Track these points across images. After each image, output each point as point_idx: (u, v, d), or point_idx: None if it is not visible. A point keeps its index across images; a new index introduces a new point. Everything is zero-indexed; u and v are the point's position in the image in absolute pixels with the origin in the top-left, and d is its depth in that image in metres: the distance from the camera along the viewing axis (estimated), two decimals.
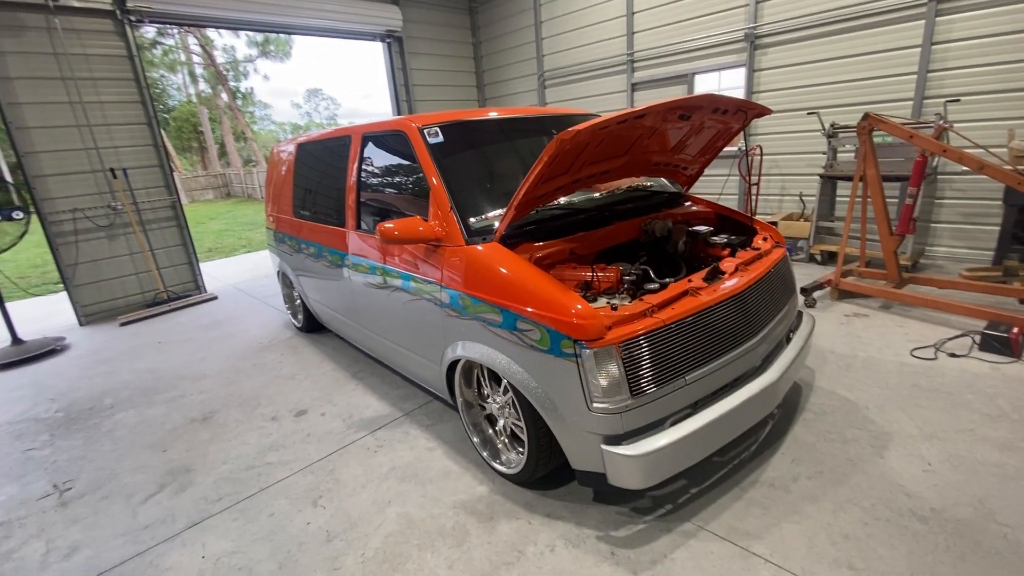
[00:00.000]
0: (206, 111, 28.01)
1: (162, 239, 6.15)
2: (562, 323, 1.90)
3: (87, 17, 5.36)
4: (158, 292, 6.04)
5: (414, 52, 8.26)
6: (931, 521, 2.00)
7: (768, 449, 2.50)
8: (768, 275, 2.46)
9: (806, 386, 3.02)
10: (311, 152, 3.86)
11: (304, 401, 3.39)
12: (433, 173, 2.50)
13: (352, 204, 3.16)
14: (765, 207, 6.31)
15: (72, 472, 2.84)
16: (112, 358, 4.51)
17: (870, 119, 3.83)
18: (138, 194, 5.87)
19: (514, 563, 1.96)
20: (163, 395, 3.69)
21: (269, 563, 2.07)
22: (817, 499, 2.15)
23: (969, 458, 2.32)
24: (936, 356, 3.24)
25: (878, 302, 4.20)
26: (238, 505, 2.43)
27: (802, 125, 5.67)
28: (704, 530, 2.04)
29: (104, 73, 5.54)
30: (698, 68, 6.43)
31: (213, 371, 4.02)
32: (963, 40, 4.56)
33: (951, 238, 5.05)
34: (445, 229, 2.39)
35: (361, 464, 2.65)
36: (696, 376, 2.02)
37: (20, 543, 2.32)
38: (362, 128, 3.15)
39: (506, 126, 2.97)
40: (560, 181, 2.35)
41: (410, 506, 2.31)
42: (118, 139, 5.70)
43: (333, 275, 3.52)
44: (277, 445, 2.90)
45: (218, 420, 3.25)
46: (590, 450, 1.97)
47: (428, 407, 3.16)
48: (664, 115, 2.26)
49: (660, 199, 3.03)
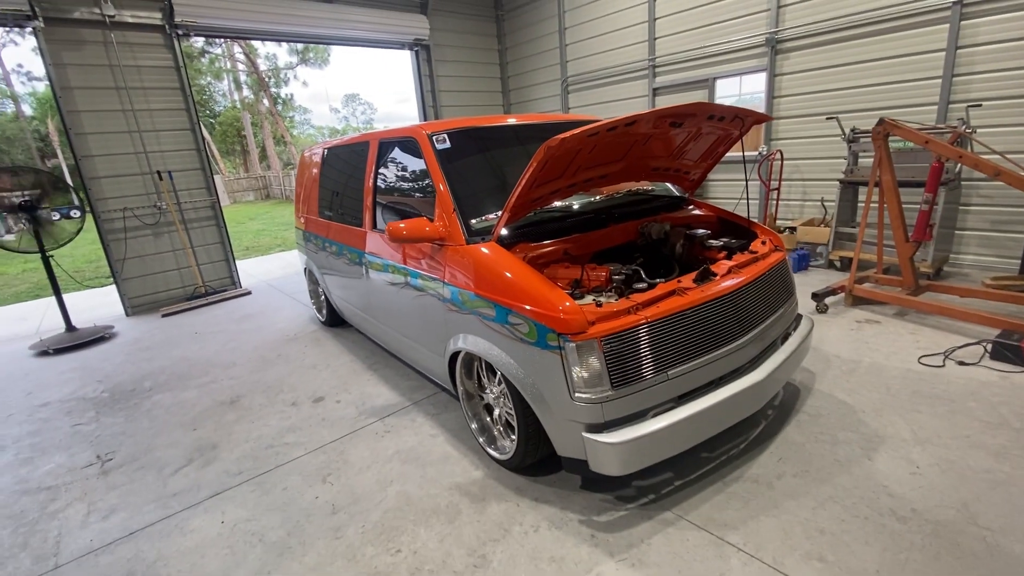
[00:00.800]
0: (249, 116, 29.30)
1: (202, 237, 6.57)
2: (547, 317, 2.03)
3: (140, 32, 5.82)
4: (197, 286, 6.45)
5: (441, 59, 8.53)
6: (910, 521, 2.03)
7: (757, 447, 2.56)
8: (761, 278, 2.53)
9: (804, 389, 3.05)
10: (335, 156, 4.11)
11: (322, 389, 3.62)
12: (439, 176, 2.68)
13: (369, 205, 3.38)
14: (786, 212, 6.25)
15: (113, 445, 3.13)
16: (153, 346, 4.88)
17: (885, 124, 3.81)
18: (181, 195, 6.30)
19: (500, 540, 2.10)
20: (196, 380, 3.99)
21: (279, 530, 2.27)
22: (798, 496, 2.21)
23: (959, 463, 2.33)
24: (944, 364, 3.21)
25: (893, 309, 4.14)
26: (256, 479, 2.66)
27: (824, 130, 5.62)
28: (683, 519, 2.13)
29: (153, 83, 5.98)
30: (719, 73, 6.43)
31: (242, 360, 4.32)
32: (989, 44, 4.46)
33: (978, 245, 4.91)
34: (448, 229, 2.56)
35: (369, 447, 2.84)
36: (678, 372, 2.12)
37: (65, 504, 2.60)
38: (379, 134, 3.36)
39: (510, 132, 3.12)
40: (556, 185, 2.49)
41: (410, 486, 2.48)
42: (164, 144, 6.14)
43: (352, 272, 3.75)
44: (295, 427, 3.13)
45: (244, 404, 3.51)
46: (573, 438, 2.10)
47: (435, 398, 3.33)
48: (655, 123, 2.36)
49: (660, 203, 3.12)
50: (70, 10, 5.37)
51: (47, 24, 5.26)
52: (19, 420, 3.58)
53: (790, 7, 5.63)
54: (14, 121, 26.98)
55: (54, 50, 5.35)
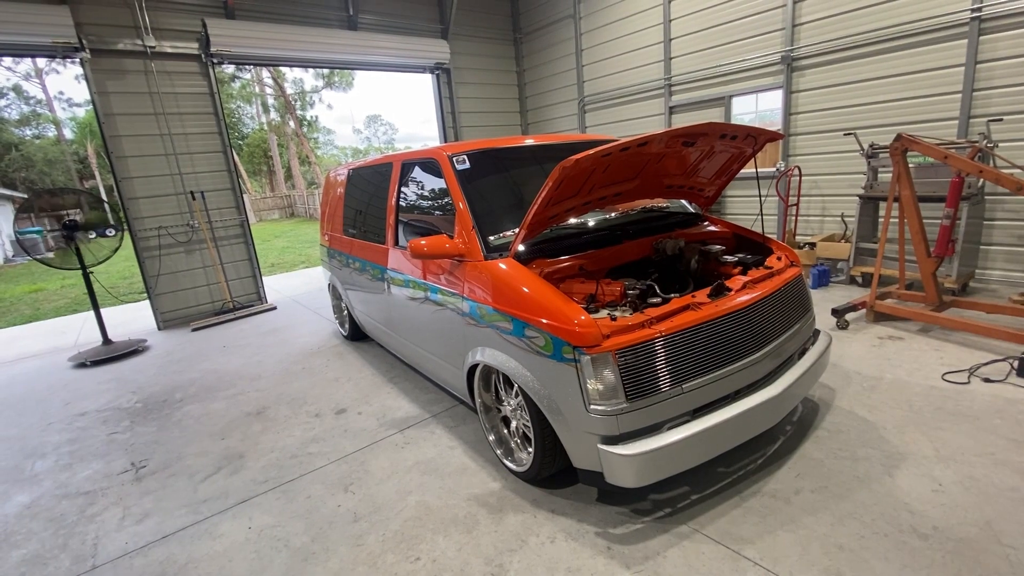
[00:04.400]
0: (275, 137, 30.30)
1: (231, 254, 6.82)
2: (563, 331, 2.10)
3: (177, 61, 6.16)
4: (225, 301, 6.68)
5: (461, 82, 8.78)
6: (931, 539, 2.01)
7: (775, 463, 2.55)
8: (776, 293, 2.55)
9: (824, 405, 3.03)
10: (359, 176, 4.27)
11: (344, 401, 3.72)
12: (459, 195, 2.78)
13: (392, 223, 3.50)
14: (806, 228, 6.22)
15: (147, 453, 3.27)
16: (184, 359, 5.07)
17: (903, 140, 3.81)
18: (212, 214, 6.58)
19: (517, 550, 2.14)
20: (224, 392, 4.13)
21: (303, 536, 2.34)
22: (817, 512, 2.20)
23: (984, 481, 2.29)
24: (969, 381, 3.16)
25: (916, 325, 4.08)
26: (281, 487, 2.75)
27: (842, 146, 5.61)
28: (699, 532, 2.14)
29: (189, 108, 6.31)
30: (735, 91, 6.50)
31: (268, 372, 4.46)
32: (1008, 59, 4.44)
33: (1005, 261, 4.82)
34: (467, 245, 2.66)
35: (389, 458, 2.91)
36: (693, 385, 2.15)
37: (102, 509, 2.72)
38: (402, 156, 3.50)
39: (527, 153, 3.23)
40: (571, 203, 2.57)
41: (429, 496, 2.54)
42: (198, 165, 6.44)
43: (375, 288, 3.87)
44: (318, 438, 3.22)
45: (269, 415, 3.62)
46: (589, 449, 2.14)
47: (453, 411, 3.40)
48: (667, 143, 2.43)
49: (675, 219, 3.17)
50: (115, 42, 5.73)
51: (93, 55, 5.62)
52: (58, 428, 3.76)
53: (805, 25, 5.68)
54: (55, 144, 28.42)
55: (99, 79, 5.70)
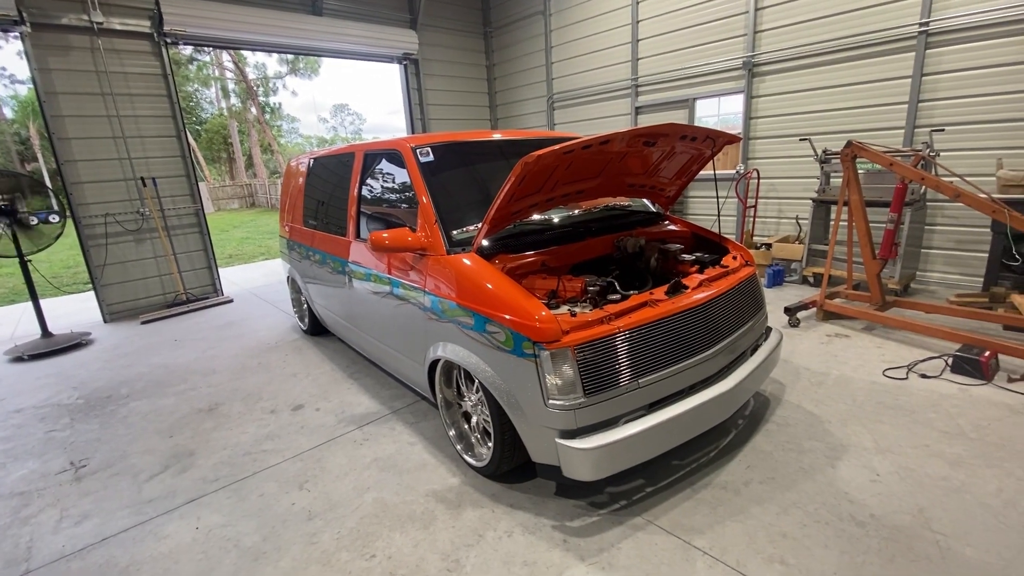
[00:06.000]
0: (236, 124, 29.19)
1: (185, 244, 6.54)
2: (523, 326, 2.10)
3: (127, 39, 5.84)
4: (178, 294, 6.41)
5: (429, 74, 8.66)
6: (868, 526, 2.12)
7: (727, 455, 2.64)
8: (731, 291, 2.63)
9: (774, 399, 3.15)
10: (321, 166, 4.16)
11: (302, 397, 3.62)
12: (422, 188, 2.75)
13: (353, 215, 3.43)
14: (763, 229, 6.43)
15: (88, 452, 3.10)
16: (131, 353, 4.83)
17: (853, 146, 3.98)
18: (165, 202, 6.28)
19: (473, 545, 2.14)
20: (175, 387, 3.96)
21: (254, 536, 2.28)
22: (764, 502, 2.29)
23: (918, 471, 2.43)
24: (907, 376, 3.34)
25: (861, 324, 4.29)
26: (232, 486, 2.66)
27: (798, 150, 5.82)
28: (652, 524, 2.19)
29: (140, 89, 5.99)
30: (699, 94, 6.64)
31: (222, 367, 4.30)
32: (952, 72, 4.70)
33: (944, 264, 5.12)
34: (429, 239, 2.62)
35: (347, 455, 2.86)
36: (649, 380, 2.19)
37: (37, 510, 2.57)
38: (364, 146, 3.43)
39: (492, 147, 3.21)
40: (535, 199, 2.57)
41: (386, 493, 2.51)
42: (150, 150, 6.14)
43: (335, 281, 3.78)
44: (273, 435, 3.13)
45: (222, 411, 3.50)
46: (547, 444, 2.15)
47: (415, 406, 3.36)
48: (629, 142, 2.46)
49: (636, 218, 3.22)
50: (58, 16, 5.38)
51: (34, 29, 5.27)
52: None
53: (766, 32, 5.86)
54: None
55: (40, 55, 5.35)
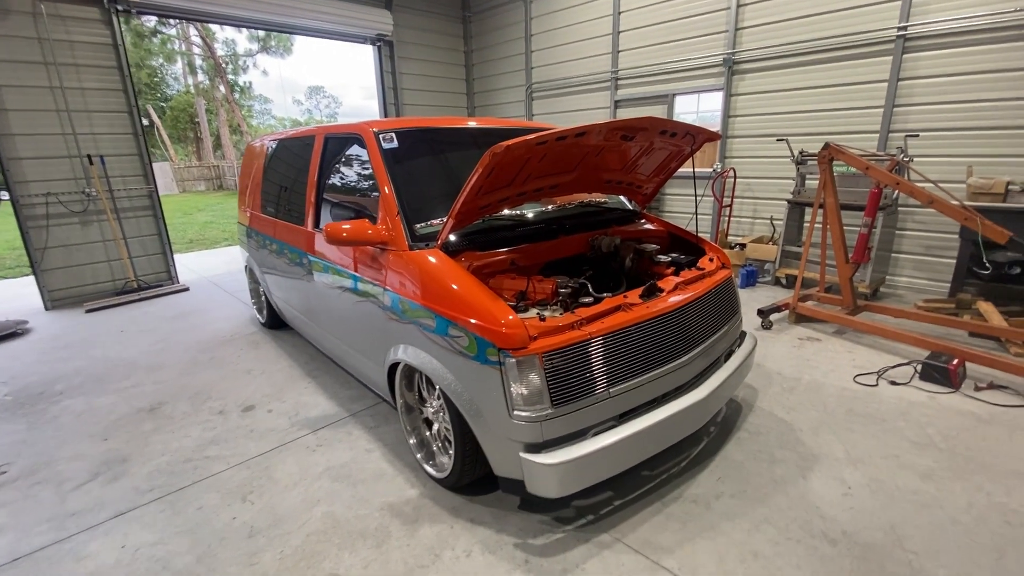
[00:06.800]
0: (203, 102, 27.96)
1: (136, 228, 6.14)
2: (488, 331, 1.94)
3: (74, 4, 5.39)
4: (128, 281, 6.02)
5: (404, 57, 8.34)
6: (840, 544, 2.04)
7: (698, 466, 2.54)
8: (707, 295, 2.52)
9: (747, 406, 3.08)
10: (280, 149, 3.89)
11: (254, 397, 3.39)
12: (384, 177, 2.55)
13: (312, 203, 3.19)
14: (737, 229, 6.41)
15: (9, 456, 2.82)
16: (72, 344, 4.49)
17: (830, 149, 3.93)
18: (114, 182, 5.87)
19: (429, 566, 1.98)
20: (115, 384, 3.67)
21: (187, 556, 2.07)
22: (735, 517, 2.20)
23: (889, 484, 2.38)
24: (877, 383, 3.32)
25: (832, 327, 4.28)
26: (168, 497, 2.43)
27: (775, 151, 5.79)
28: (620, 542, 2.08)
29: (87, 60, 5.55)
30: (678, 89, 6.55)
31: (170, 362, 4.02)
32: (928, 77, 4.70)
33: (912, 268, 5.16)
34: (391, 233, 2.43)
35: (298, 462, 2.66)
36: (621, 389, 2.06)
37: None
38: (325, 129, 3.19)
39: (463, 136, 3.02)
40: (505, 193, 2.41)
41: (338, 506, 2.33)
42: (97, 126, 5.71)
43: (293, 272, 3.55)
44: (219, 439, 2.90)
45: (165, 411, 3.24)
46: (511, 457, 2.01)
47: (375, 409, 3.18)
48: (606, 135, 2.32)
49: (612, 216, 3.09)
50: None
51: None
52: None
53: (747, 30, 5.79)
54: None
55: None
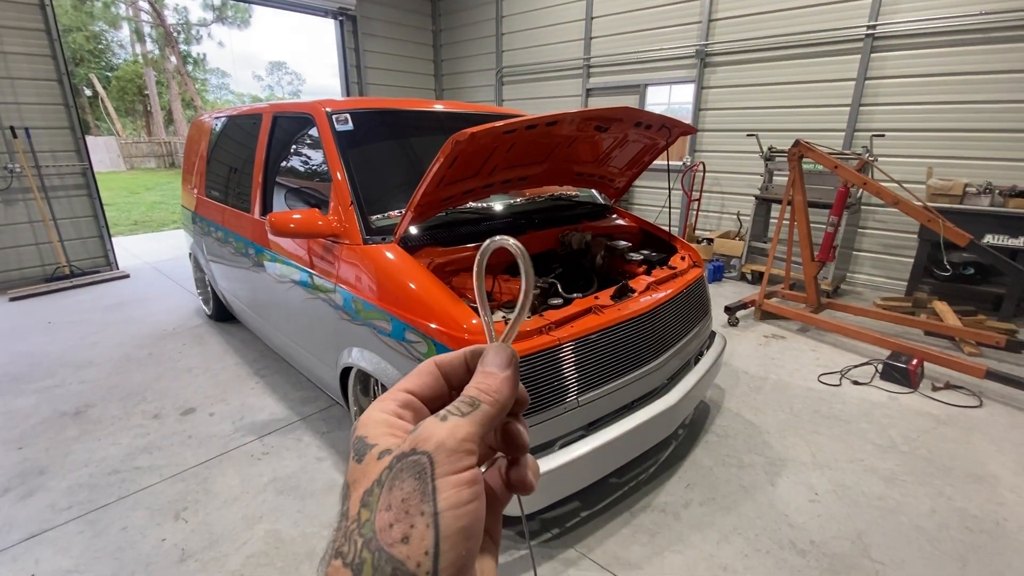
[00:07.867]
0: (153, 74, 26.26)
1: (69, 209, 5.62)
2: (449, 336, 1.78)
3: None
4: (59, 266, 5.52)
5: (369, 33, 7.94)
6: (809, 555, 2.00)
7: (666, 471, 2.47)
8: (679, 295, 2.42)
9: (715, 407, 3.03)
10: (228, 127, 3.57)
11: (195, 398, 3.12)
12: (337, 162, 2.32)
13: (259, 188, 2.93)
14: (705, 223, 6.41)
15: None
16: None
17: (800, 146, 3.90)
18: (42, 157, 5.34)
19: None
20: (37, 383, 3.32)
21: None
22: (704, 528, 2.13)
23: (855, 489, 2.36)
24: (840, 383, 3.33)
25: (797, 325, 4.30)
26: (89, 515, 2.18)
27: (744, 146, 5.78)
28: (586, 558, 1.97)
29: (8, 20, 4.99)
30: (651, 80, 6.45)
31: (102, 359, 3.67)
32: (893, 77, 4.75)
33: (871, 266, 5.27)
34: (343, 225, 2.22)
35: (239, 473, 2.44)
36: (590, 397, 1.94)
37: None
38: (274, 107, 2.92)
39: (426, 120, 2.81)
40: (470, 184, 2.23)
41: (282, 523, 2.13)
42: (22, 95, 5.16)
43: (240, 263, 3.27)
44: (152, 447, 2.64)
45: (92, 415, 2.94)
46: None
47: (328, 412, 2.97)
48: (580, 125, 2.16)
49: (583, 210, 2.95)
50: None
51: None
52: None
53: (720, 22, 5.72)
54: None
55: None
